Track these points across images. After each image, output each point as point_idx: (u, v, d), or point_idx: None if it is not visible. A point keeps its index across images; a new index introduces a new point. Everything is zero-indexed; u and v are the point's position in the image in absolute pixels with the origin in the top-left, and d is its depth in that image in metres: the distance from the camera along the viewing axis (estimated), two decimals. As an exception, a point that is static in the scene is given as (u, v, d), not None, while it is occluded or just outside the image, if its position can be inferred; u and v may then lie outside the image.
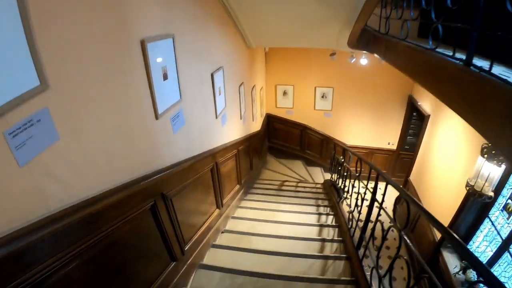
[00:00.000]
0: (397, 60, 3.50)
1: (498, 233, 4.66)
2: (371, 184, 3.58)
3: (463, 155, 5.34)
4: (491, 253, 4.79)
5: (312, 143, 9.62)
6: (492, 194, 3.70)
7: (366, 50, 5.14)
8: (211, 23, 3.98)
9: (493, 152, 3.53)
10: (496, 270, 4.66)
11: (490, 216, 4.94)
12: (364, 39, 4.84)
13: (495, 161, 3.52)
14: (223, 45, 4.60)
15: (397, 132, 8.92)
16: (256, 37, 6.20)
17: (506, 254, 4.49)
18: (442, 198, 6.01)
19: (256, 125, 7.80)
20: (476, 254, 4.82)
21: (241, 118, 5.88)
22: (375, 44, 4.45)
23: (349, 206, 4.73)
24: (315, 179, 8.82)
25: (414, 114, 8.42)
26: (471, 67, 1.88)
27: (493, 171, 3.60)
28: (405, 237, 2.47)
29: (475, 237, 5.36)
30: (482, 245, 5.19)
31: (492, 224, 4.85)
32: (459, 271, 5.11)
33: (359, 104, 8.76)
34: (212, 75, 3.88)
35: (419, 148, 7.48)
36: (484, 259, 4.92)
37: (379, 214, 3.12)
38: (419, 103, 7.65)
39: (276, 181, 7.83)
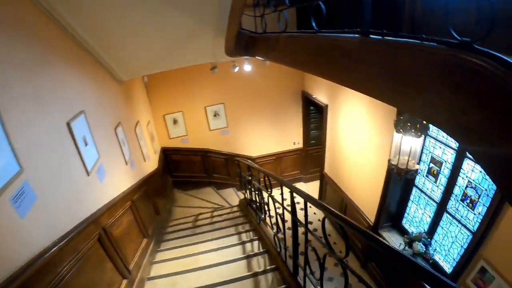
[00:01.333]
0: (283, 55, 3.24)
1: (430, 198, 4.96)
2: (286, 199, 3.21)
3: (374, 135, 5.46)
4: (429, 218, 5.11)
5: (217, 165, 9.12)
6: (418, 167, 3.53)
7: (247, 55, 4.83)
8: (56, 61, 3.24)
9: (409, 124, 3.32)
10: (439, 233, 4.95)
11: (417, 184, 5.22)
12: (242, 43, 4.54)
13: (413, 133, 3.31)
14: (80, 85, 3.85)
15: (299, 130, 8.94)
16: (123, 68, 5.51)
17: (446, 215, 4.77)
18: (363, 182, 6.14)
19: (152, 164, 7.08)
20: (415, 223, 5.39)
21: (127, 164, 5.13)
22: (255, 46, 4.20)
23: (271, 227, 4.31)
24: (230, 201, 8.37)
25: (312, 108, 8.53)
26: (371, 36, 1.53)
27: (414, 143, 3.39)
28: (348, 267, 2.08)
29: (408, 208, 5.60)
30: (417, 213, 5.44)
31: (422, 191, 5.14)
32: (405, 246, 5.20)
33: (255, 112, 8.51)
34: (69, 125, 3.16)
35: (325, 139, 7.55)
36: (425, 226, 5.21)
37: (306, 240, 2.73)
38: (314, 96, 7.68)
39: (190, 217, 7.18)
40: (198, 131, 8.62)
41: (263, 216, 5.10)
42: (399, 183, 5.38)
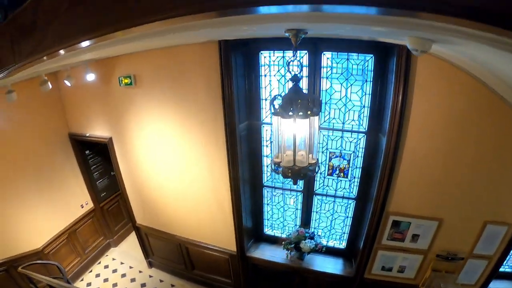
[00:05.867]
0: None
1: (291, 190, 4.96)
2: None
3: (198, 146, 4.88)
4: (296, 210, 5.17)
5: None
6: (315, 159, 2.72)
7: None
8: None
9: (299, 101, 2.43)
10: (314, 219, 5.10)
11: (266, 184, 5.09)
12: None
13: (306, 113, 2.44)
14: None
15: (82, 186, 7.37)
16: None
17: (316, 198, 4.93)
18: (202, 211, 5.52)
19: None
20: (278, 224, 5.44)
21: None
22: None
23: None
24: None
25: (88, 151, 7.17)
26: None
27: (308, 127, 2.54)
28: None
29: (265, 213, 5.42)
30: (276, 214, 5.36)
31: (276, 188, 5.05)
32: (290, 252, 5.05)
33: (14, 188, 6.08)
34: None
35: (123, 184, 6.51)
36: (295, 220, 5.25)
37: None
38: (87, 135, 6.34)
39: None
40: None
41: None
42: (247, 192, 5.06)
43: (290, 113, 2.44)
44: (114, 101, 5.42)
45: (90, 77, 5.15)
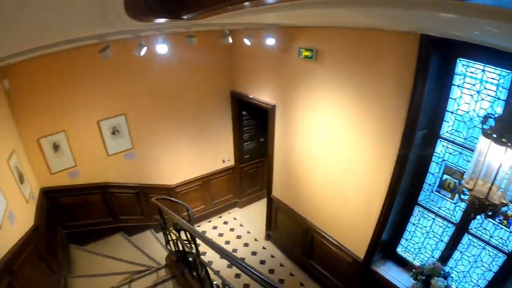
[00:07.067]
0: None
1: (444, 218, 4.50)
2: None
3: (368, 141, 4.61)
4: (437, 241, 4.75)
5: (125, 204, 6.90)
6: (507, 201, 2.38)
7: (170, 14, 2.75)
8: None
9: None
10: (455, 258, 4.55)
11: (421, 202, 4.69)
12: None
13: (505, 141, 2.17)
14: None
15: (229, 143, 7.81)
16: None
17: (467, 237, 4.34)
18: (345, 206, 5.33)
19: (20, 226, 4.39)
20: (414, 249, 5.00)
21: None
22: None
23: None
24: (150, 253, 6.51)
25: (244, 112, 7.48)
26: None
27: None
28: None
29: (407, 233, 5.04)
30: (416, 238, 4.97)
31: (430, 211, 4.62)
32: (417, 283, 4.58)
33: (169, 124, 6.77)
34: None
35: (272, 152, 6.60)
36: (431, 251, 4.81)
37: None
38: (251, 97, 6.45)
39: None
40: (91, 159, 6.29)
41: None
42: (398, 204, 4.69)
43: (504, 140, 2.16)
44: (288, 71, 5.48)
45: (270, 41, 5.18)
